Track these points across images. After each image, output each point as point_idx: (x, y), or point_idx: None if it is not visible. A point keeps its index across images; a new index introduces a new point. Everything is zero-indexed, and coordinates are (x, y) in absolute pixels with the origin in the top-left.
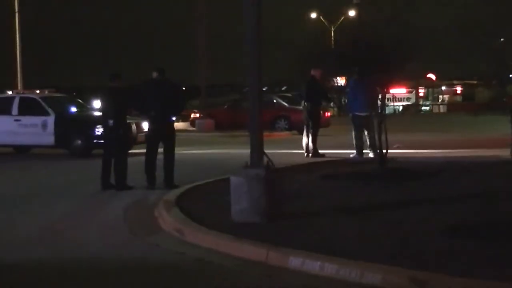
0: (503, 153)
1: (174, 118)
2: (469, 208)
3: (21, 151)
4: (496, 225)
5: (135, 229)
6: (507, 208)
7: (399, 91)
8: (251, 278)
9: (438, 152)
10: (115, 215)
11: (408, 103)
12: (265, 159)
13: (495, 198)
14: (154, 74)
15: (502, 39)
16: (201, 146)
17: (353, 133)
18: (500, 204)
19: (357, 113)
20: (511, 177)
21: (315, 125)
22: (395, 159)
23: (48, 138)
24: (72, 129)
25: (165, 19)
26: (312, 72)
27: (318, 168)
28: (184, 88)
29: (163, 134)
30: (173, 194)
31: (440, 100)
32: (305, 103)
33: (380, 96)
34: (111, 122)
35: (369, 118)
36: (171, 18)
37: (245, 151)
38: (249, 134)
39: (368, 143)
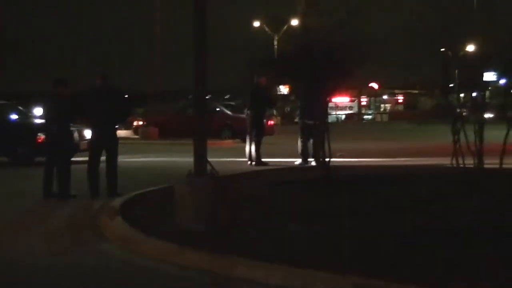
0: (445, 161)
1: (116, 126)
2: (414, 215)
3: None
4: (440, 232)
5: (78, 237)
6: (449, 215)
7: (341, 99)
8: (196, 287)
9: (380, 161)
10: (58, 223)
11: (351, 111)
12: (209, 167)
13: (438, 204)
14: (98, 81)
15: (443, 48)
16: (144, 154)
17: (299, 140)
18: (445, 211)
19: (306, 121)
20: (451, 184)
21: (259, 133)
22: (338, 167)
23: None
24: (13, 137)
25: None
26: (256, 79)
27: (262, 176)
28: (127, 96)
29: (105, 142)
30: (116, 202)
31: (382, 109)
32: (248, 111)
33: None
34: (54, 129)
35: (315, 126)
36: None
37: (189, 159)
38: (193, 142)
39: (312, 151)
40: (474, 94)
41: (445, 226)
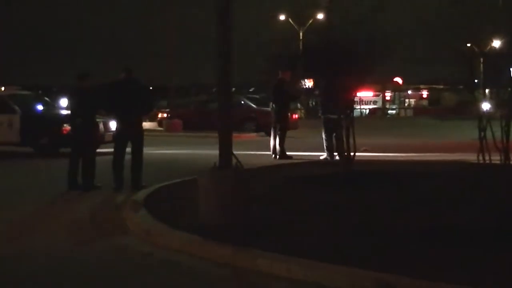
0: (468, 157)
1: (142, 118)
2: (437, 212)
3: None
4: (461, 230)
5: (102, 229)
6: (470, 213)
7: (366, 94)
8: (219, 280)
9: (404, 156)
10: (82, 215)
11: (375, 106)
12: (234, 160)
13: (460, 203)
14: (122, 74)
15: (469, 44)
16: (169, 146)
17: (323, 135)
18: (465, 208)
19: (328, 116)
20: (473, 182)
21: (283, 127)
22: (361, 162)
23: (14, 136)
24: (39, 127)
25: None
26: (281, 74)
27: (286, 170)
28: (151, 88)
29: (131, 134)
30: (141, 195)
31: (406, 104)
32: (273, 105)
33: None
34: (79, 121)
35: (339, 121)
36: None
37: (213, 152)
38: (218, 134)
39: (336, 145)
40: (500, 91)
41: (463, 223)
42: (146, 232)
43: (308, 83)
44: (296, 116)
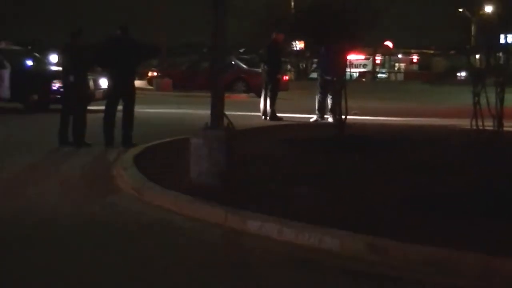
0: (459, 122)
1: (135, 76)
2: (427, 178)
3: None
4: (453, 197)
5: (93, 188)
6: (463, 180)
7: (356, 57)
8: (210, 241)
9: (395, 120)
10: (73, 173)
11: (365, 70)
12: (226, 121)
13: (452, 169)
14: (117, 32)
15: (462, 9)
16: (159, 105)
17: (318, 96)
18: (456, 176)
19: (326, 77)
20: (467, 147)
21: (274, 88)
22: (353, 125)
23: (3, 91)
24: (29, 84)
25: None
26: (275, 35)
27: (277, 132)
28: (145, 45)
29: (123, 92)
30: (131, 153)
31: (396, 68)
32: (265, 66)
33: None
34: (71, 78)
35: (334, 83)
36: None
37: (204, 112)
38: (211, 94)
39: (329, 107)
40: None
41: (451, 190)
42: (137, 191)
43: (299, 45)
44: (287, 77)
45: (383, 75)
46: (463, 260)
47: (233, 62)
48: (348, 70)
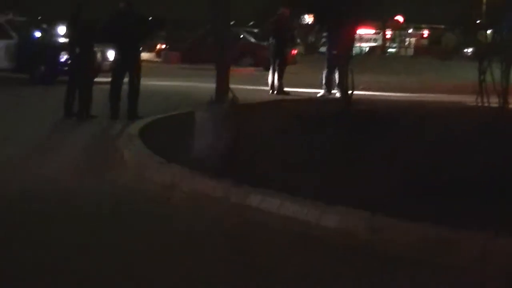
0: (467, 99)
1: (141, 49)
2: (433, 158)
3: None
4: (459, 177)
5: (95, 160)
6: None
7: (366, 31)
8: (211, 215)
9: (403, 96)
10: (76, 145)
11: (375, 44)
12: (231, 94)
13: (459, 148)
14: (121, 5)
15: None
16: (166, 77)
17: (325, 71)
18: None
19: (333, 51)
20: (473, 125)
21: (282, 62)
22: (359, 100)
23: (10, 62)
24: (36, 55)
25: None
26: (281, 10)
27: (283, 106)
28: (150, 18)
29: (129, 65)
30: (136, 126)
31: (406, 43)
32: (273, 40)
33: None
34: (77, 50)
35: (342, 57)
36: None
37: (210, 85)
38: (216, 68)
39: (337, 82)
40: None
41: (456, 170)
42: (139, 165)
43: (308, 19)
44: (295, 51)
45: (393, 50)
46: (464, 240)
47: (241, 36)
48: (358, 44)
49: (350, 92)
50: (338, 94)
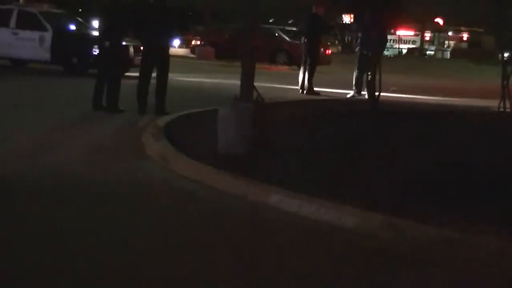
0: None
1: (170, 43)
2: (448, 160)
3: (17, 65)
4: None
5: (120, 153)
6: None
7: (405, 33)
8: (229, 211)
9: (430, 99)
10: (103, 137)
11: (414, 46)
12: (255, 93)
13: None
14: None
15: None
16: (198, 73)
17: (355, 71)
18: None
19: (364, 52)
20: (491, 131)
21: (313, 62)
22: (387, 102)
23: (44, 53)
24: (69, 47)
25: None
26: (315, 9)
27: (310, 106)
28: (183, 13)
29: (157, 59)
30: (162, 121)
31: (446, 46)
32: (305, 39)
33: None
34: (107, 43)
35: (373, 57)
36: None
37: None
38: (241, 66)
39: (367, 83)
40: None
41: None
42: (163, 159)
43: (346, 18)
44: (329, 51)
45: (431, 52)
46: (478, 241)
47: (276, 34)
48: (397, 45)
49: (377, 93)
50: (367, 96)
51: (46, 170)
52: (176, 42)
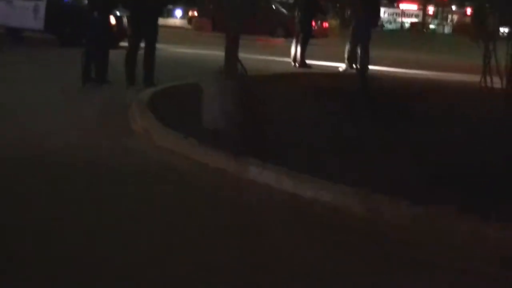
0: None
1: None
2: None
3: (13, 33)
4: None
5: (105, 127)
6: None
7: (409, 7)
8: (209, 184)
9: (421, 74)
10: (88, 110)
11: (416, 20)
12: (240, 66)
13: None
14: None
15: None
16: (194, 45)
17: (348, 45)
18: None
19: (357, 25)
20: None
21: (305, 36)
22: (374, 76)
23: (38, 22)
24: (63, 16)
25: None
26: None
27: (299, 80)
28: None
29: (145, 30)
30: (147, 94)
31: (449, 20)
32: (299, 13)
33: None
34: (95, 14)
35: (365, 31)
36: None
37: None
38: (225, 40)
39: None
40: None
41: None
42: (147, 133)
43: None
44: (326, 24)
45: (434, 27)
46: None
47: (274, 7)
48: (399, 19)
49: (364, 67)
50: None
51: (32, 144)
52: (178, 13)
